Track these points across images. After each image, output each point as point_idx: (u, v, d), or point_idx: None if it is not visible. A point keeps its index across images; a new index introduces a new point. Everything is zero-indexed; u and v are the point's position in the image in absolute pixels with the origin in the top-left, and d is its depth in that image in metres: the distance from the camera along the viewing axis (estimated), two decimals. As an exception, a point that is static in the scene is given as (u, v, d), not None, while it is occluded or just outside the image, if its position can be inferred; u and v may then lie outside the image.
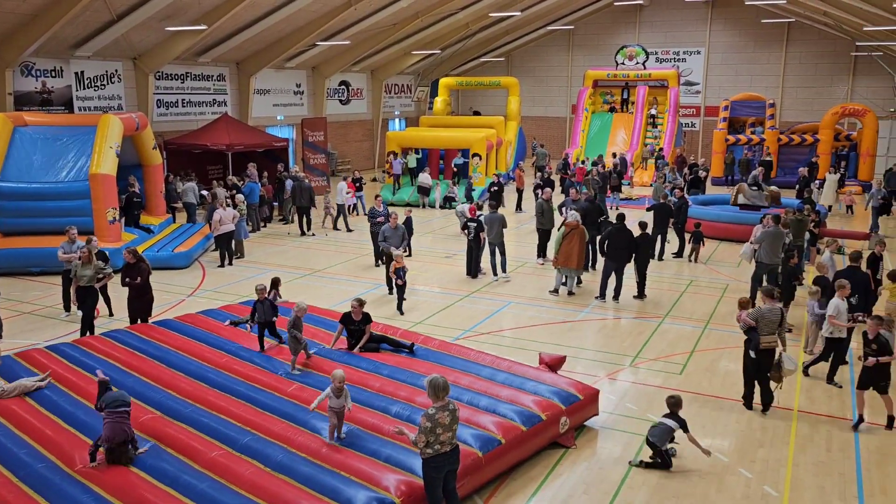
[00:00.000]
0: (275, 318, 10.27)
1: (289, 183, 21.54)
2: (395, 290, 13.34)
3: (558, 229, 14.72)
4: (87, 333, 11.26)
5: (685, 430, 7.87)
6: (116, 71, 22.81)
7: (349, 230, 20.64)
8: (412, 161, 26.13)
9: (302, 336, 9.32)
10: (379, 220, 15.67)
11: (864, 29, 24.79)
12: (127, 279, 11.26)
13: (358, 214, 22.79)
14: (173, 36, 22.04)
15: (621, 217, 14.08)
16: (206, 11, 20.82)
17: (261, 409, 8.18)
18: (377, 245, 15.55)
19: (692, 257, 17.19)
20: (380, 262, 16.04)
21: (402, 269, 13.03)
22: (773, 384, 9.35)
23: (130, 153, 18.34)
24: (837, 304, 9.94)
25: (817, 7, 26.61)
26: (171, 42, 22.34)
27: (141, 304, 11.49)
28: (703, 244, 17.41)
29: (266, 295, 10.31)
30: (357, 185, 22.87)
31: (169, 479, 6.77)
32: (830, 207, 22.89)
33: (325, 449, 7.21)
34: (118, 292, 12.31)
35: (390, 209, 16.29)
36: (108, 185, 15.98)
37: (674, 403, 8.01)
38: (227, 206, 17.12)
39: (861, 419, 8.81)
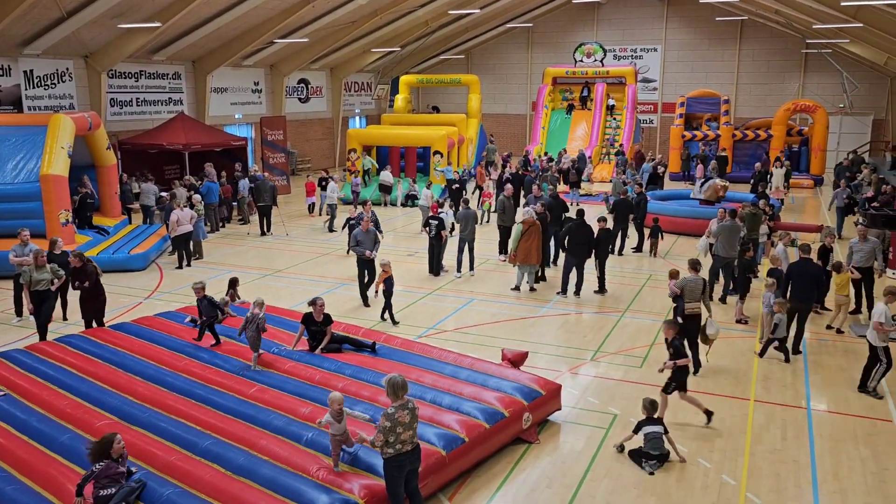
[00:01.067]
0: (215, 317, 10.03)
1: (244, 182, 21.28)
2: (382, 300, 12.47)
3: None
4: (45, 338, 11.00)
5: (666, 431, 7.93)
6: (67, 69, 22.25)
7: (332, 230, 20.48)
8: (367, 163, 25.82)
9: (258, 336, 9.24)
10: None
11: (814, 27, 25.42)
12: (76, 283, 11.07)
13: (321, 214, 22.63)
14: (126, 33, 21.58)
15: (581, 213, 14.23)
16: (160, 8, 20.43)
17: (221, 411, 8.07)
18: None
19: (652, 252, 17.45)
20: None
21: (391, 279, 12.34)
22: (703, 348, 10.40)
23: (83, 154, 17.92)
24: (885, 310, 9.41)
25: (769, 5, 27.21)
26: (125, 40, 21.88)
27: (94, 305, 11.27)
28: (662, 238, 17.69)
29: (203, 293, 10.07)
30: (323, 185, 22.64)
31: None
32: (783, 201, 23.45)
33: (287, 451, 7.14)
34: (71, 296, 12.01)
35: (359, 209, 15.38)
36: (59, 186, 15.60)
37: (651, 406, 8.01)
38: (185, 206, 16.85)
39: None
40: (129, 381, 8.88)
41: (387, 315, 12.51)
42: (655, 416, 8.04)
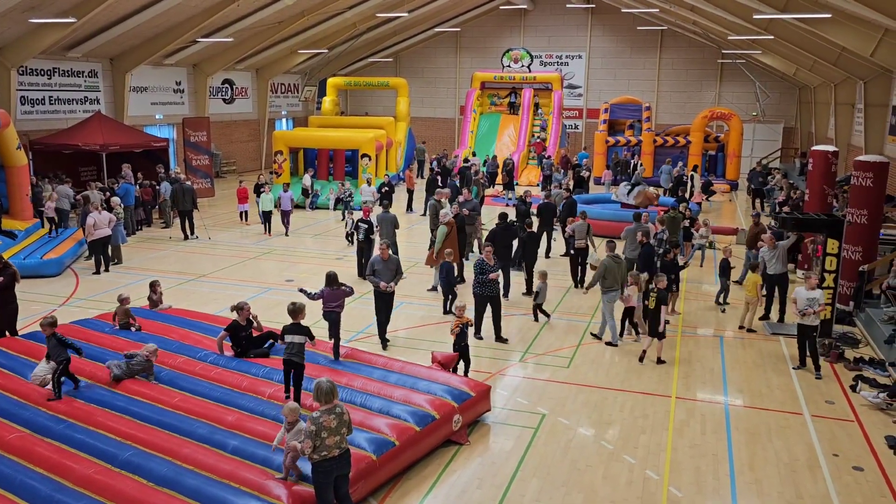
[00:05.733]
0: (67, 360, 8.48)
1: (165, 185, 20.60)
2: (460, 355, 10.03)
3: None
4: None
5: (312, 338, 8.48)
6: (-27, 65, 21.08)
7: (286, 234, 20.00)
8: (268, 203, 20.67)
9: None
10: (492, 276, 11.55)
11: (729, 38, 26.50)
12: None
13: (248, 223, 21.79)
14: (38, 28, 20.60)
15: (504, 216, 14.46)
16: (75, 3, 19.59)
17: (143, 421, 7.80)
18: (480, 315, 11.87)
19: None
20: (476, 333, 11.91)
21: (467, 325, 10.13)
22: (590, 271, 13.83)
23: (-9, 154, 17.04)
24: (798, 291, 10.76)
25: (687, 16, 28.22)
26: (37, 35, 20.86)
27: (5, 313, 10.71)
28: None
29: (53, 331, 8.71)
30: (259, 191, 21.03)
31: (40, 501, 6.34)
32: (700, 204, 24.37)
33: (213, 460, 6.96)
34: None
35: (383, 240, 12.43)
36: (-35, 188, 14.79)
37: (295, 311, 8.48)
38: (103, 209, 16.22)
39: None
40: (43, 392, 8.47)
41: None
42: (301, 321, 8.48)
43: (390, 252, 11.52)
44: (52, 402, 8.16)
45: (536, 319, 12.96)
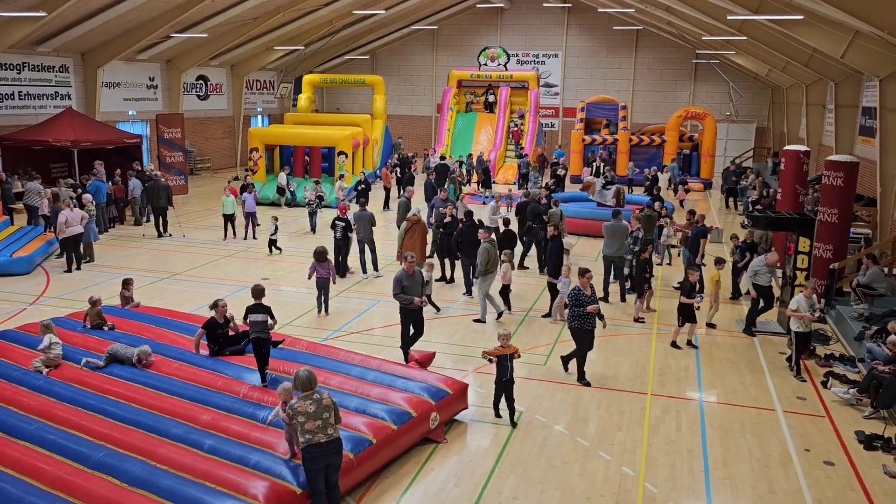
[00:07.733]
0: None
1: (135, 182, 20.32)
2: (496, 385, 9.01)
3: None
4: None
5: (273, 317, 8.94)
6: (-60, 58, 20.65)
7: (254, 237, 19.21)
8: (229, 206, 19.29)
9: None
10: (590, 308, 10.00)
11: (704, 38, 26.79)
12: None
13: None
14: (7, 22, 20.21)
15: (469, 214, 14.51)
16: (45, -3, 19.25)
17: (117, 421, 7.70)
18: (585, 349, 10.26)
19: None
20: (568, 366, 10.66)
21: (506, 364, 8.74)
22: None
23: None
24: (799, 299, 10.66)
25: (662, 17, 28.46)
26: (5, 29, 20.47)
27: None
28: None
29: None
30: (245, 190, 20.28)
31: (11, 503, 6.25)
32: (683, 202, 24.67)
33: (188, 459, 6.89)
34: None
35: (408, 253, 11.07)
36: (-68, 184, 14.46)
37: (258, 292, 9.02)
38: (74, 206, 15.97)
39: None
40: (14, 392, 8.34)
41: (503, 413, 9.06)
42: (263, 302, 8.98)
43: (416, 266, 10.88)
44: (24, 402, 8.02)
45: (438, 310, 13.28)
